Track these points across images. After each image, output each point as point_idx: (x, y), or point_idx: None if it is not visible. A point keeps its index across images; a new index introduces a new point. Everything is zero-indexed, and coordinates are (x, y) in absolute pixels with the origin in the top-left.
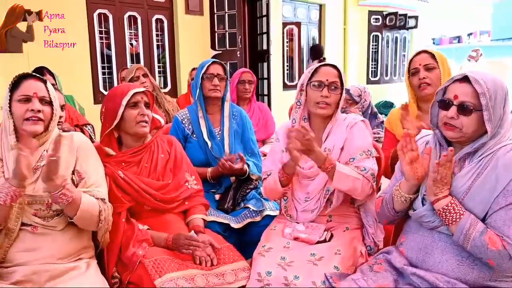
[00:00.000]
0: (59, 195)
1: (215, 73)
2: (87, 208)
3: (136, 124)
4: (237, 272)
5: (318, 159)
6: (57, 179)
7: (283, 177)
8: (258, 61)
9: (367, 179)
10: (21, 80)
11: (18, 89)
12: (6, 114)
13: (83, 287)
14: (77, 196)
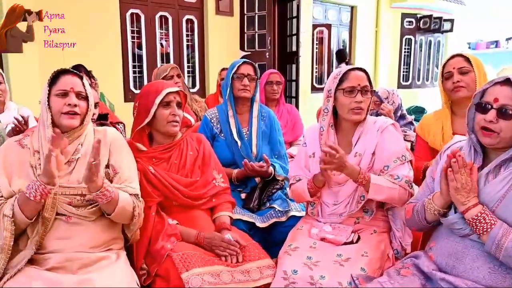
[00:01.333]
0: (99, 195)
1: (245, 73)
2: (123, 205)
3: (167, 124)
4: (262, 269)
5: (351, 174)
6: (98, 180)
7: (312, 188)
8: (287, 63)
9: (402, 187)
10: (59, 75)
11: (56, 84)
12: (45, 107)
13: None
14: (116, 195)
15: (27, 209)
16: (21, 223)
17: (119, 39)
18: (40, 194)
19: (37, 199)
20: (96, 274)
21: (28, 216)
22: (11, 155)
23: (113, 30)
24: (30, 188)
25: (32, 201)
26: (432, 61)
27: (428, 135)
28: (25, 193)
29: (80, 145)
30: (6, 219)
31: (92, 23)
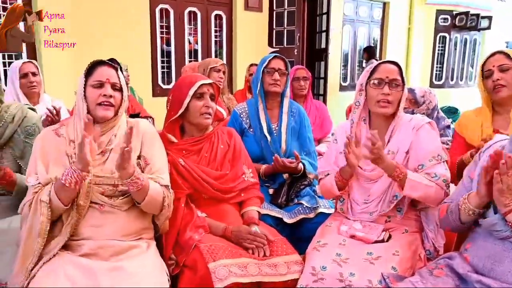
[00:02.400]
0: (131, 183)
1: (276, 67)
2: (153, 195)
3: (200, 115)
4: (290, 264)
5: (387, 168)
6: (129, 168)
7: (340, 181)
8: (316, 60)
9: (439, 186)
10: (95, 66)
11: (92, 75)
12: (81, 98)
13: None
14: (146, 184)
15: (62, 195)
16: (57, 209)
17: (148, 35)
18: (75, 181)
19: (72, 185)
20: (127, 262)
21: (63, 202)
22: (48, 143)
23: (143, 26)
24: (65, 175)
25: (67, 187)
26: (467, 60)
27: (466, 130)
28: (60, 180)
29: (114, 136)
30: (43, 204)
31: (123, 19)
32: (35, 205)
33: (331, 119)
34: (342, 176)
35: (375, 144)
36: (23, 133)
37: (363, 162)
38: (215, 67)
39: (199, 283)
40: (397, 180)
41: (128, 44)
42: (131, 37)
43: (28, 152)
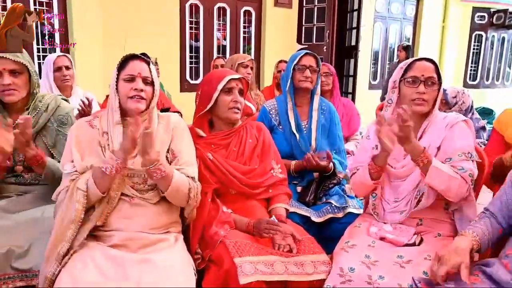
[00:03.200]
0: (153, 169)
1: (307, 64)
2: (178, 184)
3: (228, 110)
4: (317, 264)
5: (414, 151)
6: (152, 154)
7: (373, 170)
8: (345, 57)
9: (464, 179)
10: (127, 60)
11: (125, 69)
12: (113, 92)
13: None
14: (170, 172)
15: (101, 183)
16: (94, 196)
17: (178, 30)
18: (115, 169)
19: (112, 173)
20: (156, 255)
21: (101, 190)
22: (82, 134)
23: (172, 21)
24: (106, 163)
25: (107, 175)
26: (504, 60)
27: (506, 129)
28: (101, 168)
29: None
30: (80, 192)
31: (154, 14)
32: (71, 192)
33: (359, 116)
34: (375, 163)
35: (405, 121)
36: (56, 122)
37: (393, 160)
38: (242, 63)
39: (225, 277)
40: (420, 166)
41: (157, 39)
42: (161, 32)
43: (60, 141)
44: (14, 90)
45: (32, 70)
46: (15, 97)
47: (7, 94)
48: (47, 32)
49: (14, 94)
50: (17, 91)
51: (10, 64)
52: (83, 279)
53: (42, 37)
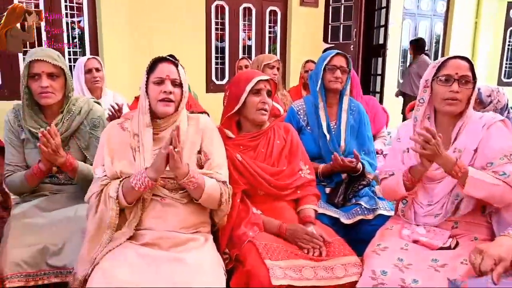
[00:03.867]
0: (186, 182)
1: (338, 64)
2: (210, 191)
3: (256, 111)
4: (348, 267)
5: (445, 164)
6: (183, 168)
7: (408, 181)
8: (372, 56)
9: (508, 184)
10: (156, 63)
11: (154, 72)
12: (143, 95)
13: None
14: (202, 182)
15: (129, 196)
16: (121, 205)
17: (204, 31)
18: (144, 187)
19: (140, 190)
20: (187, 254)
21: (128, 201)
22: (114, 136)
23: (198, 23)
24: (136, 180)
25: (135, 191)
26: None
27: None
28: (130, 182)
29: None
30: (112, 200)
31: (180, 15)
32: (104, 199)
33: (385, 114)
34: (412, 175)
35: (429, 141)
36: (89, 124)
37: None
38: (269, 64)
39: (254, 278)
40: (457, 178)
41: (184, 41)
42: (187, 33)
43: (92, 143)
44: (51, 93)
45: (68, 74)
46: (51, 99)
47: (44, 97)
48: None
49: (51, 96)
50: (53, 94)
51: (49, 67)
52: (116, 276)
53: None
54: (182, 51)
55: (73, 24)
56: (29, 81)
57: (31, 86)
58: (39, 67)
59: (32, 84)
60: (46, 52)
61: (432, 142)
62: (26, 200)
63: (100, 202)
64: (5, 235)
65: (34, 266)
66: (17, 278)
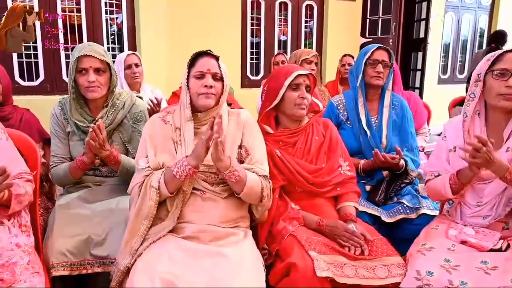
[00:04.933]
0: (228, 175)
1: (380, 59)
2: (251, 185)
3: (294, 106)
4: (391, 267)
5: (498, 170)
6: (226, 160)
7: (455, 185)
8: (412, 51)
9: None
10: (197, 57)
11: (195, 66)
12: (184, 89)
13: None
14: (244, 175)
15: (171, 185)
16: (163, 195)
17: (239, 26)
18: (185, 175)
19: (181, 178)
20: (227, 248)
21: (170, 191)
22: (156, 129)
23: (234, 18)
24: (177, 168)
25: (177, 179)
26: None
27: None
28: (172, 171)
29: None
30: (153, 190)
31: (216, 12)
32: (144, 189)
33: (426, 109)
34: (459, 180)
35: (479, 150)
36: (132, 118)
37: None
38: (306, 59)
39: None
40: (509, 183)
41: (220, 36)
42: (223, 28)
43: (135, 137)
44: (97, 87)
45: (114, 69)
46: (97, 94)
47: (91, 91)
48: (116, 32)
49: (97, 91)
50: (99, 88)
51: (96, 62)
52: (157, 268)
53: (111, 36)
54: (217, 47)
55: (112, 21)
56: (76, 76)
57: (78, 80)
58: (87, 62)
59: (79, 78)
60: (93, 48)
61: (483, 150)
62: (70, 191)
63: (141, 192)
64: (50, 225)
65: (78, 255)
66: (62, 267)
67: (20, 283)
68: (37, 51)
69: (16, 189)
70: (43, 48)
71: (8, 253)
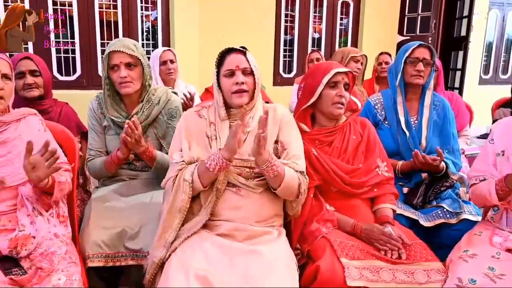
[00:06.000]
0: (266, 169)
1: (420, 57)
2: (289, 180)
3: (331, 105)
4: (430, 273)
5: None
6: (265, 154)
7: (502, 191)
8: (452, 49)
9: None
10: (224, 55)
11: (223, 65)
12: (216, 89)
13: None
14: (282, 170)
15: (204, 178)
16: (197, 189)
17: (273, 23)
18: (218, 168)
19: (215, 171)
20: (261, 246)
21: (203, 184)
22: (191, 123)
23: (268, 15)
24: (211, 160)
25: (210, 172)
26: None
27: None
28: (205, 163)
29: (251, 119)
30: (186, 183)
31: (250, 8)
32: (178, 182)
33: (468, 111)
34: (507, 185)
35: None
36: (167, 114)
37: None
38: (355, 57)
39: (326, 276)
40: None
41: (252, 33)
42: (256, 25)
43: (169, 133)
44: (130, 82)
45: (145, 63)
46: (130, 89)
47: (124, 86)
48: (149, 29)
49: (130, 86)
50: (132, 83)
51: (126, 57)
52: (191, 264)
53: (146, 32)
54: (250, 44)
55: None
56: (109, 72)
57: (112, 76)
58: (117, 58)
59: (112, 75)
60: (123, 43)
61: None
62: (105, 184)
63: (174, 186)
64: (86, 217)
65: (112, 247)
66: (97, 258)
67: (58, 272)
68: (74, 46)
69: (58, 177)
70: (80, 43)
71: (47, 243)
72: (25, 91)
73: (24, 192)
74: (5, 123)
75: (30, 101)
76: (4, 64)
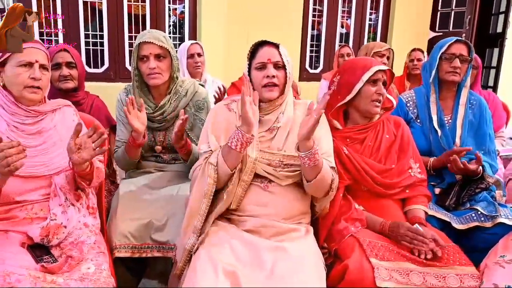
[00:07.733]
0: (308, 156)
1: (457, 53)
2: (324, 174)
3: (370, 102)
4: (463, 278)
5: None
6: (311, 141)
7: None
8: (487, 46)
9: None
10: (257, 48)
11: (255, 58)
12: (247, 81)
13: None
14: (321, 161)
15: (229, 159)
16: (223, 173)
17: (301, 18)
18: (240, 143)
19: (237, 148)
20: (289, 244)
21: (229, 165)
22: (220, 116)
23: (296, 9)
24: (231, 138)
25: (233, 150)
26: None
27: None
28: (227, 143)
29: (281, 114)
30: (211, 167)
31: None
32: (203, 167)
33: (505, 111)
34: None
35: None
36: (194, 106)
37: None
38: (379, 52)
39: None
40: None
41: (279, 28)
42: (283, 20)
43: (196, 125)
44: (159, 73)
45: (174, 55)
46: (159, 80)
47: (152, 78)
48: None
49: (159, 77)
50: (161, 74)
51: (156, 49)
52: (220, 259)
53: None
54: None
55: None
56: (138, 63)
57: (141, 67)
58: (147, 49)
59: (141, 65)
60: (153, 34)
61: None
62: (132, 176)
63: (200, 171)
64: (114, 208)
65: (139, 239)
66: (124, 249)
67: (87, 261)
68: (103, 39)
69: (96, 163)
70: (108, 36)
71: (77, 232)
72: (60, 83)
73: (58, 182)
74: (41, 113)
75: (64, 93)
76: (42, 55)
